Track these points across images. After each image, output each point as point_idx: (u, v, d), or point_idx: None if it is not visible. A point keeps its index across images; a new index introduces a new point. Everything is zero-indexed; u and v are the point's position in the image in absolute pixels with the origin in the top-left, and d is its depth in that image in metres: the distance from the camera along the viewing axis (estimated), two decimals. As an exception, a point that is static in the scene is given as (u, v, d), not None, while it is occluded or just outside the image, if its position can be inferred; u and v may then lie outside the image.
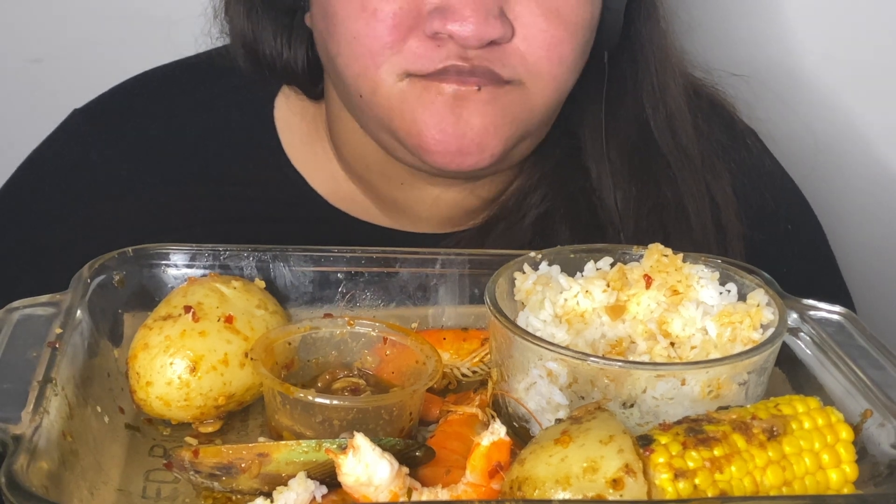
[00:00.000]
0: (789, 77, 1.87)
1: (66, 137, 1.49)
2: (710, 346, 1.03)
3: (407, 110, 1.25)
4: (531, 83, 1.26)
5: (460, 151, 1.25)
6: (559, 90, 1.29)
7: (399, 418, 1.01)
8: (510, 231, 1.39)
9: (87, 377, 1.03)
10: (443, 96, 1.23)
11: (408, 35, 1.22)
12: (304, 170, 1.45)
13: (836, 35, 1.86)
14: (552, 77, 1.27)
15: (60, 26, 1.83)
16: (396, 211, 1.44)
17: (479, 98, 1.23)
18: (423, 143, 1.25)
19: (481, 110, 1.24)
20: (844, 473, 0.92)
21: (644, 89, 1.40)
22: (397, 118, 1.26)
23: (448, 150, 1.25)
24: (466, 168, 1.27)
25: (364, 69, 1.25)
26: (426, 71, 1.23)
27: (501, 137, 1.26)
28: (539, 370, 1.00)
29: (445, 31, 1.20)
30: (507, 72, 1.24)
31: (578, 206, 1.40)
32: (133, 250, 1.16)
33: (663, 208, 1.39)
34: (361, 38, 1.24)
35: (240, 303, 1.10)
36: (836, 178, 1.90)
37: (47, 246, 1.42)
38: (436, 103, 1.23)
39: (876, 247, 1.95)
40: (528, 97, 1.27)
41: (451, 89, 1.23)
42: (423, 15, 1.22)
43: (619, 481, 0.83)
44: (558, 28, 1.25)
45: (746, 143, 1.52)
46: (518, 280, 1.11)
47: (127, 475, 0.99)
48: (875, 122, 1.90)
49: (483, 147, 1.25)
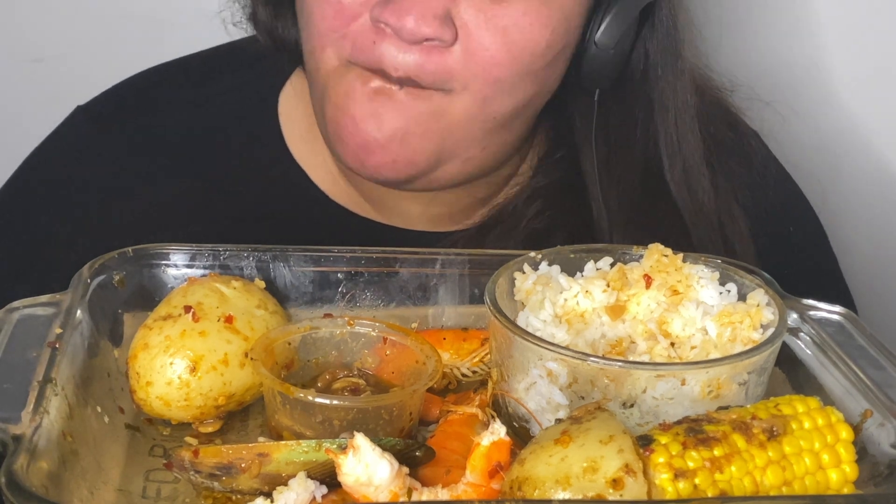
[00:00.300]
0: (790, 77, 1.87)
1: (69, 135, 1.49)
2: (710, 346, 1.03)
3: (335, 96, 1.27)
4: (457, 94, 1.24)
5: (366, 147, 1.25)
6: (485, 111, 1.26)
7: (399, 418, 1.01)
8: (508, 234, 1.38)
9: (87, 377, 1.03)
10: (365, 87, 1.24)
11: (353, 20, 1.24)
12: (307, 165, 1.46)
13: (837, 36, 1.86)
14: (481, 96, 1.25)
15: (61, 26, 1.83)
16: (387, 210, 1.45)
17: (396, 97, 1.23)
18: (335, 130, 1.27)
19: (394, 109, 1.24)
20: (844, 473, 0.92)
21: (661, 139, 1.37)
22: (329, 104, 1.28)
23: (355, 141, 1.25)
24: (371, 167, 1.26)
25: (314, 48, 1.28)
26: (363, 65, 1.24)
27: (410, 147, 1.25)
28: (539, 370, 1.00)
29: (385, 20, 1.21)
30: (431, 79, 1.23)
31: (577, 216, 1.39)
32: (133, 250, 1.16)
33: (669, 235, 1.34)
34: (313, 17, 1.27)
35: (240, 303, 1.10)
36: (837, 179, 1.90)
37: (51, 243, 1.42)
38: (357, 91, 1.24)
39: (876, 247, 1.95)
40: (448, 107, 1.25)
41: (376, 84, 1.24)
42: (370, 3, 1.23)
43: (619, 481, 0.83)
44: (500, 49, 1.22)
45: (750, 145, 1.52)
46: (518, 280, 1.11)
47: (127, 475, 0.99)
48: (877, 123, 1.90)
49: (386, 150, 1.25)
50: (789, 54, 1.87)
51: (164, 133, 1.47)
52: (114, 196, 1.44)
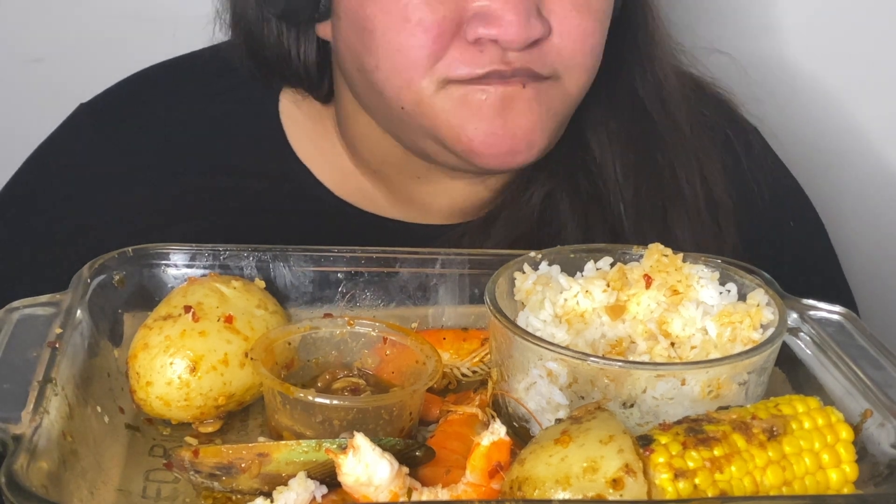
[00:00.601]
0: (790, 75, 1.87)
1: (73, 132, 1.50)
2: (710, 346, 1.03)
3: (453, 118, 1.25)
4: (567, 75, 1.28)
5: (511, 151, 1.27)
6: (591, 79, 1.32)
7: (399, 418, 1.01)
8: (515, 216, 1.40)
9: (87, 377, 1.03)
10: (489, 99, 1.24)
11: (450, 43, 1.23)
12: (310, 162, 1.46)
13: (838, 32, 1.86)
14: (585, 68, 1.30)
15: (61, 26, 1.83)
16: (408, 203, 1.45)
17: (524, 96, 1.25)
18: (473, 148, 1.26)
19: (527, 108, 1.25)
20: (844, 473, 0.92)
21: (635, 60, 1.43)
22: (444, 126, 1.26)
23: (500, 151, 1.27)
24: (516, 166, 1.30)
25: (408, 81, 1.25)
26: (468, 77, 1.23)
27: (546, 132, 1.28)
28: (539, 370, 1.00)
29: (488, 35, 1.21)
30: (545, 69, 1.26)
31: (577, 177, 1.41)
32: (133, 250, 1.16)
33: (660, 176, 1.41)
34: (406, 49, 1.23)
35: (240, 303, 1.10)
36: (837, 178, 1.90)
37: (53, 241, 1.43)
38: (483, 108, 1.24)
39: (876, 247, 1.95)
40: (564, 89, 1.29)
41: (498, 91, 1.24)
42: (463, 22, 1.22)
43: (619, 481, 0.83)
44: (589, 20, 1.27)
45: (749, 140, 1.53)
46: (518, 280, 1.11)
47: (127, 475, 0.99)
48: (877, 121, 1.90)
49: (531, 144, 1.27)
50: (789, 49, 1.87)
51: (168, 129, 1.47)
52: (117, 192, 1.44)
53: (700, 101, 1.48)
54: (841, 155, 1.90)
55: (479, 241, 1.36)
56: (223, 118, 1.48)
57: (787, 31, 1.87)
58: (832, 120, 1.89)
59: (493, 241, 1.37)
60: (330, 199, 1.45)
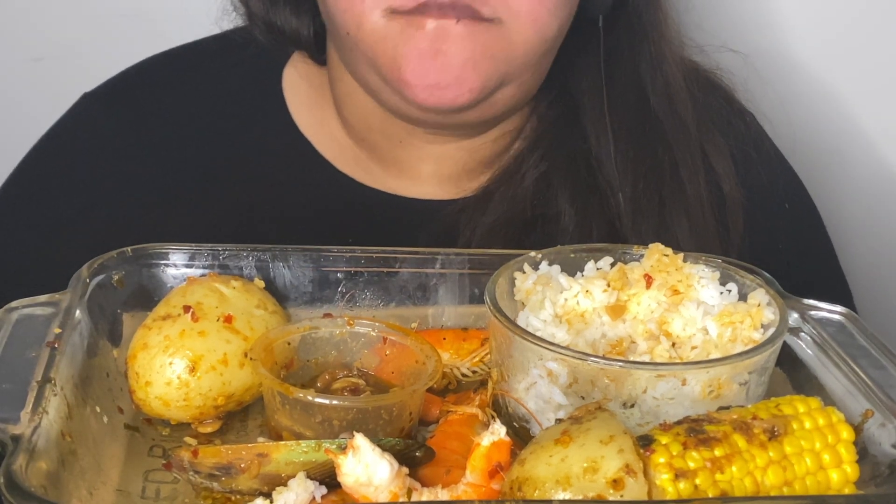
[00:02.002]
0: (790, 73, 1.87)
1: (77, 119, 1.51)
2: (711, 346, 1.03)
3: (389, 46, 1.27)
4: (511, 22, 1.28)
5: (439, 85, 1.27)
6: (540, 32, 1.31)
7: (399, 418, 1.01)
8: (511, 195, 1.41)
9: (87, 377, 1.03)
10: (423, 31, 1.25)
11: None
12: (312, 135, 1.48)
13: (837, 29, 1.86)
14: (532, 18, 1.28)
15: (60, 26, 1.83)
16: (398, 172, 1.47)
17: (457, 32, 1.25)
18: (403, 77, 1.27)
19: (460, 45, 1.25)
20: (845, 473, 0.92)
21: (641, 56, 1.43)
22: (381, 54, 1.28)
23: (427, 83, 1.27)
24: (446, 103, 1.28)
25: (350, 5, 1.28)
26: (408, 7, 1.25)
27: (480, 73, 1.28)
28: (539, 370, 1.00)
29: None
30: (486, 10, 1.25)
31: (577, 168, 1.42)
32: (132, 250, 1.16)
33: (660, 172, 1.41)
34: None
35: (239, 303, 1.10)
36: (837, 177, 1.89)
37: (61, 230, 1.43)
38: (416, 38, 1.25)
39: (876, 246, 1.95)
40: (507, 35, 1.28)
41: (432, 24, 1.25)
42: None
43: (620, 481, 0.83)
44: None
45: (745, 121, 1.54)
46: (518, 280, 1.11)
47: (126, 475, 0.99)
48: (877, 119, 1.90)
49: (461, 81, 1.27)
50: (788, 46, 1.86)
51: (171, 112, 1.49)
52: (124, 175, 1.46)
53: (700, 87, 1.49)
54: (839, 153, 1.90)
55: (476, 217, 1.39)
56: (226, 96, 1.50)
57: (793, 30, 1.87)
58: (830, 118, 1.89)
59: (490, 217, 1.39)
60: (330, 172, 1.47)
